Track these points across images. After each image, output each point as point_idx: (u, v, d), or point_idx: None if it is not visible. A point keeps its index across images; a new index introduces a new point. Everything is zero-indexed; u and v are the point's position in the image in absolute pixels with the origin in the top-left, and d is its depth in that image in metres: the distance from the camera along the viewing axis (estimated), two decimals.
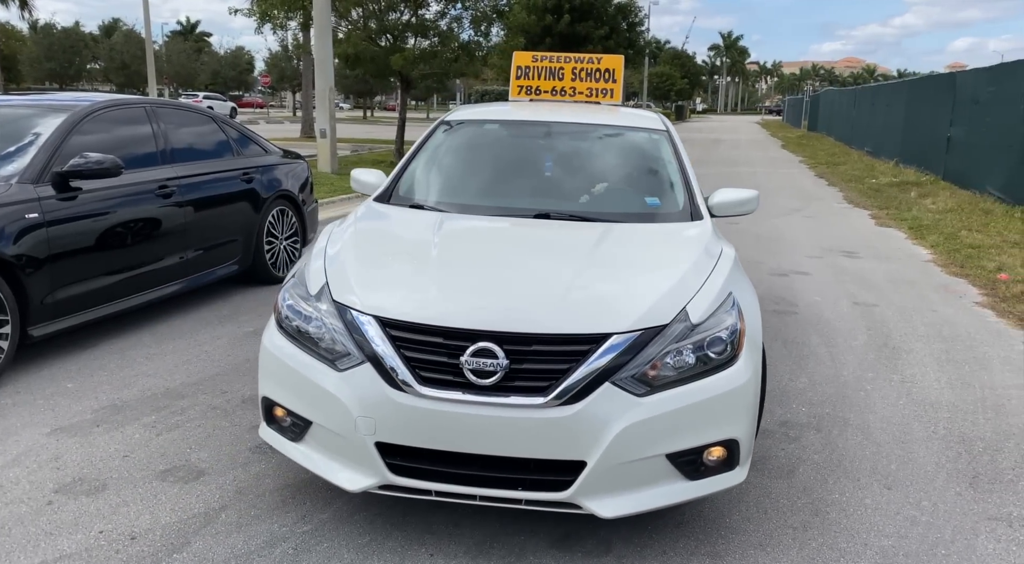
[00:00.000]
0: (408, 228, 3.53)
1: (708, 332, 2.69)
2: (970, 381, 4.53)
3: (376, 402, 2.56)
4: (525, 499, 2.58)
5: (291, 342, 2.81)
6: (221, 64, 62.94)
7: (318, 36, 14.53)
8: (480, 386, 2.52)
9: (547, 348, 2.56)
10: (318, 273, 2.94)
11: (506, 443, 2.52)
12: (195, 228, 5.53)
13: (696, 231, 3.52)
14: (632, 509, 2.58)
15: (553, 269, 2.97)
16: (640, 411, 2.52)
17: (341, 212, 11.01)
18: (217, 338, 5.03)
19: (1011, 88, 12.98)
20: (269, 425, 2.94)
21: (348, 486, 2.65)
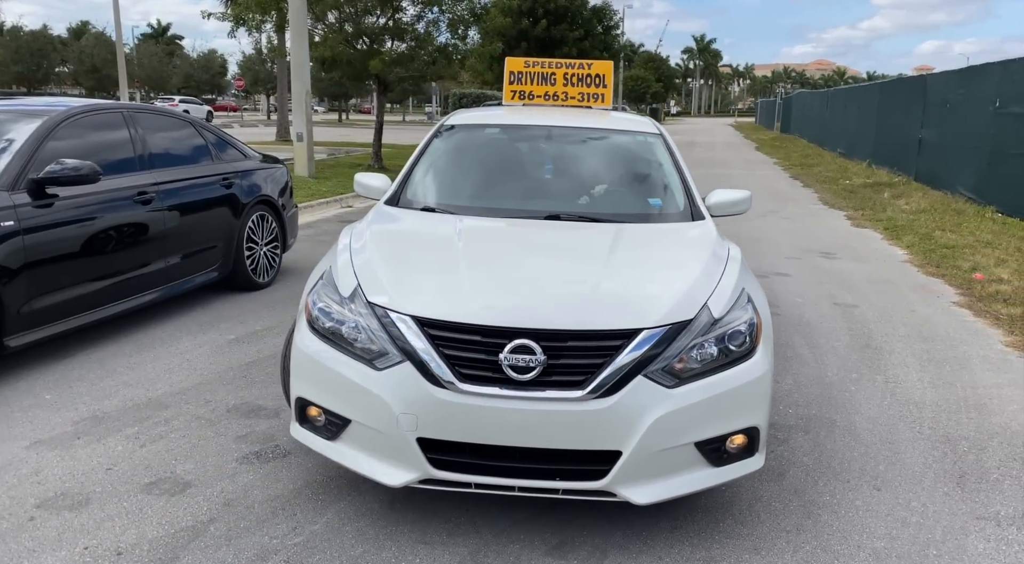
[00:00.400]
0: (427, 230, 3.63)
1: (728, 326, 2.82)
2: (951, 380, 4.59)
3: (417, 399, 2.64)
4: (562, 489, 2.69)
5: (325, 343, 2.86)
6: (194, 67, 62.21)
7: (294, 39, 14.41)
8: (519, 381, 2.62)
9: (582, 344, 2.66)
10: (348, 276, 3.00)
11: (545, 435, 2.62)
12: (175, 235, 5.45)
13: (702, 231, 3.68)
14: (664, 495, 2.70)
15: (577, 268, 3.11)
16: (671, 402, 2.64)
17: (320, 217, 10.92)
18: (199, 346, 4.95)
19: (980, 90, 13.22)
20: (302, 425, 3.00)
21: (389, 481, 2.73)
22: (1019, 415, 4.07)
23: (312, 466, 3.36)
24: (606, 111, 5.45)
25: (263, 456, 3.45)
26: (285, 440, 3.61)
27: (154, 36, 72.33)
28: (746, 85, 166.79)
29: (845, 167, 19.92)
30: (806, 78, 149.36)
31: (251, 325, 5.43)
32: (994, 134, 12.31)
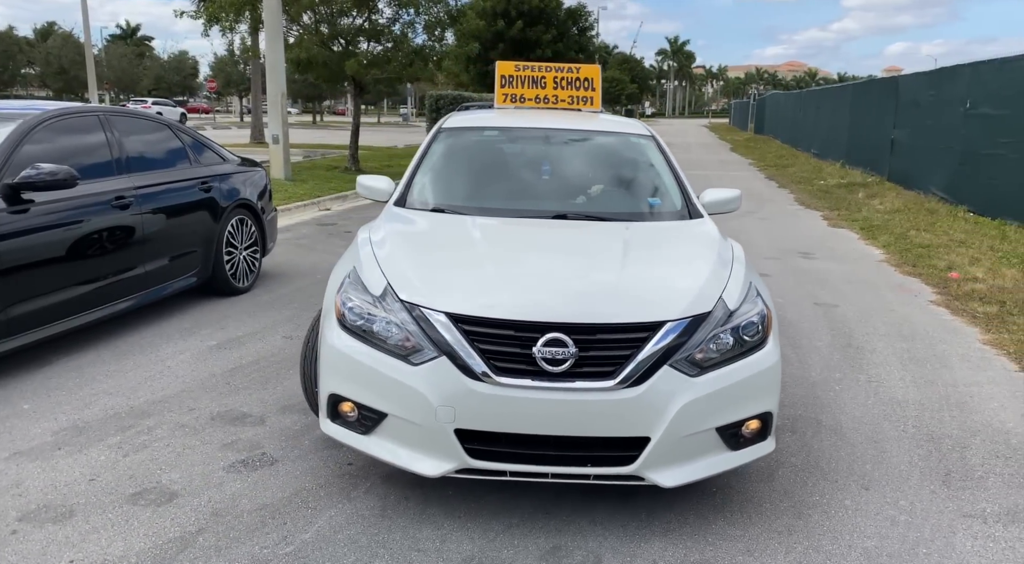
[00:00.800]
0: (444, 230, 3.71)
1: (742, 317, 2.99)
2: (933, 379, 4.65)
3: (455, 392, 2.75)
4: (593, 474, 2.82)
5: (358, 340, 2.95)
6: (164, 69, 61.42)
7: (269, 40, 14.28)
8: (551, 373, 2.75)
9: (611, 336, 2.81)
10: (376, 275, 3.11)
11: (578, 424, 2.76)
12: (153, 240, 5.36)
13: (705, 228, 3.89)
14: (688, 478, 2.85)
15: (597, 264, 3.26)
16: (694, 390, 2.79)
17: (298, 220, 10.83)
18: (180, 353, 4.87)
19: (951, 92, 13.43)
20: (334, 420, 3.07)
21: (428, 472, 2.83)
22: (1000, 413, 4.14)
23: (301, 473, 3.32)
24: (595, 114, 5.55)
25: (250, 464, 3.40)
26: (272, 447, 3.56)
27: (123, 37, 71.23)
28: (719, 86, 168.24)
29: (819, 167, 20.15)
30: (778, 79, 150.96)
31: (232, 331, 5.36)
32: (965, 135, 12.52)
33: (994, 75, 11.80)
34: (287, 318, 5.71)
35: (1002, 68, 11.61)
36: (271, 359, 4.79)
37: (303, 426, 3.80)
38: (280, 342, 5.13)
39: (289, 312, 5.88)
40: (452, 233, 3.64)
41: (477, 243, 3.42)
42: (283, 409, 4.01)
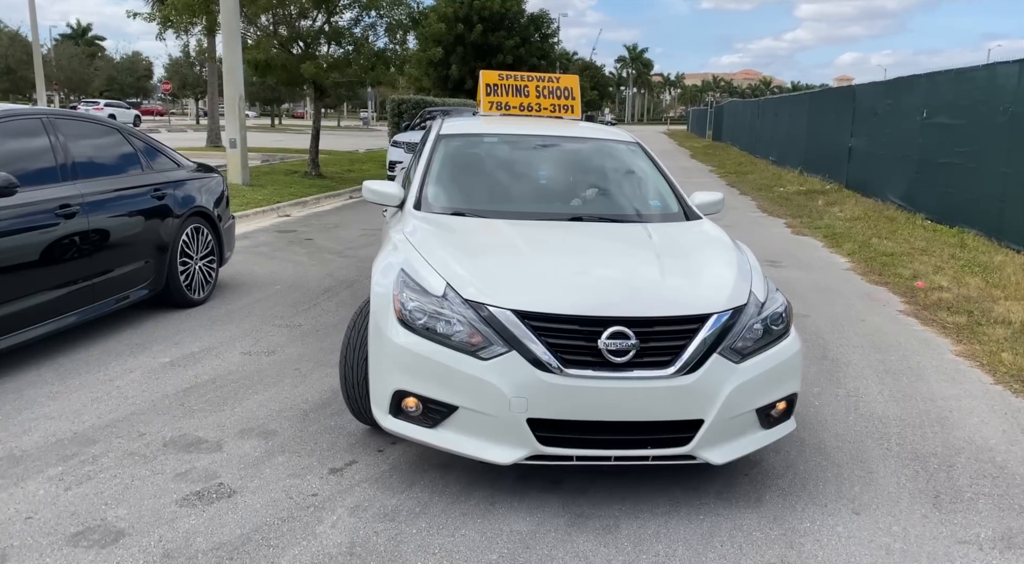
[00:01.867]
0: (480, 232, 3.83)
1: (770, 309, 3.31)
2: (910, 393, 4.59)
3: (527, 384, 2.93)
4: (652, 455, 3.06)
5: (423, 338, 3.07)
6: (117, 70, 59.95)
7: (226, 42, 13.88)
8: (616, 363, 2.96)
9: (667, 328, 3.05)
10: (432, 276, 3.25)
11: (639, 410, 2.99)
12: (102, 250, 5.05)
13: (713, 228, 4.21)
14: (733, 455, 3.13)
15: (636, 262, 3.54)
16: (739, 375, 3.07)
17: (256, 227, 10.48)
18: (129, 371, 4.58)
19: (907, 101, 13.63)
20: (396, 416, 3.18)
21: (501, 460, 3.00)
22: (981, 429, 4.07)
23: (261, 506, 3.09)
24: (577, 121, 5.80)
25: (206, 497, 3.15)
26: (230, 477, 3.32)
27: (73, 37, 69.26)
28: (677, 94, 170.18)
29: (779, 175, 20.36)
30: (734, 87, 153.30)
31: (187, 346, 5.08)
32: (922, 144, 12.70)
33: (950, 85, 11.99)
34: (245, 332, 5.44)
35: (958, 78, 11.81)
36: (228, 377, 4.53)
37: (263, 452, 3.56)
38: (238, 358, 4.87)
39: (247, 325, 5.61)
40: (488, 235, 3.78)
41: (517, 244, 3.61)
42: (242, 433, 3.76)
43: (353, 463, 3.48)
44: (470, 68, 32.30)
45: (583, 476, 3.40)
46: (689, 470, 3.47)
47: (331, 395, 4.27)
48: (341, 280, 7.19)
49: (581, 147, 5.01)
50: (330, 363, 4.82)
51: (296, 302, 6.33)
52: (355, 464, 3.47)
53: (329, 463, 3.47)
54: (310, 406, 4.12)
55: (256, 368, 4.70)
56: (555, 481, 3.36)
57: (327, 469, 3.41)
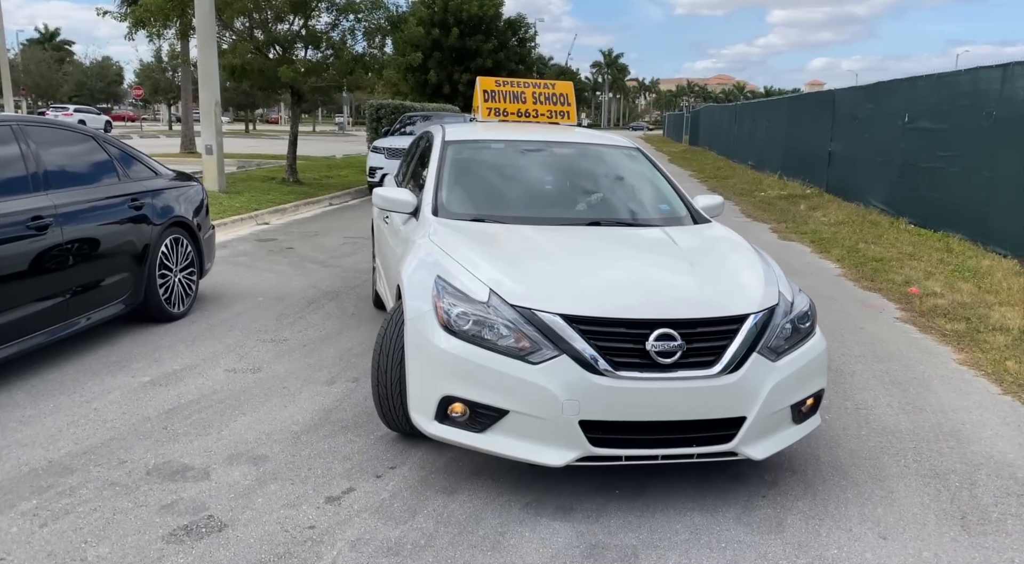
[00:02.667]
0: (509, 238, 3.85)
1: (797, 309, 3.42)
2: (920, 405, 4.48)
3: (579, 387, 2.96)
4: (697, 453, 3.12)
5: (470, 344, 3.09)
6: (87, 75, 58.94)
7: (201, 47, 13.58)
8: (663, 364, 3.03)
9: (710, 329, 3.13)
10: (474, 283, 3.28)
11: (686, 409, 3.05)
12: (77, 264, 4.80)
13: (725, 231, 4.31)
14: (772, 450, 3.22)
15: (669, 266, 3.61)
16: (777, 373, 3.16)
17: (235, 235, 10.19)
18: (108, 392, 4.34)
19: (888, 106, 13.66)
20: (441, 422, 3.18)
21: (553, 462, 3.03)
22: (997, 443, 3.96)
23: (255, 541, 2.88)
24: (573, 127, 5.93)
25: (194, 531, 2.93)
26: (219, 508, 3.10)
27: (41, 42, 68.07)
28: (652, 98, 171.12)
29: (759, 179, 20.38)
30: (708, 92, 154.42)
31: (167, 364, 4.84)
32: (904, 148, 12.72)
33: (932, 90, 12.02)
34: (228, 348, 5.21)
35: (940, 83, 11.84)
36: (213, 397, 4.30)
37: (254, 479, 3.35)
38: (222, 376, 4.64)
39: (230, 340, 5.38)
40: (518, 241, 3.80)
41: (549, 249, 3.66)
42: (230, 459, 3.54)
43: (351, 491, 3.28)
44: (447, 73, 32.12)
45: (595, 502, 3.23)
46: (705, 492, 3.32)
47: (322, 416, 4.07)
48: (325, 291, 6.97)
49: (585, 152, 5.09)
50: (319, 380, 4.61)
51: (280, 315, 6.10)
52: (353, 492, 3.27)
53: (325, 491, 3.27)
54: (301, 428, 3.91)
55: (242, 387, 4.48)
56: (566, 508, 3.19)
57: (323, 498, 3.21)
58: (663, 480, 3.41)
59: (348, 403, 4.25)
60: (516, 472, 3.46)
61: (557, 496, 3.27)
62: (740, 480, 3.45)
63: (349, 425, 3.95)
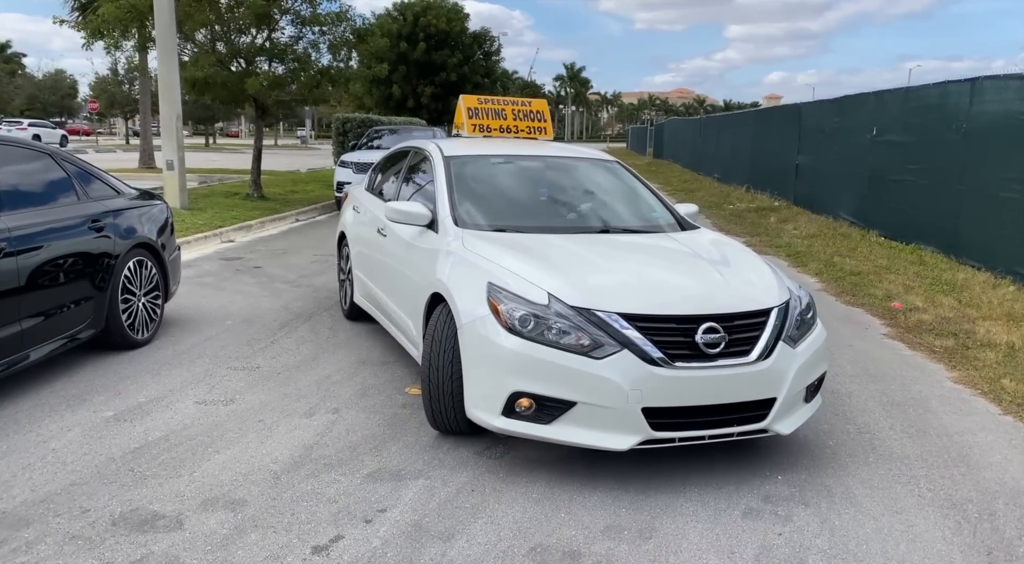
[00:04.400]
0: (538, 246, 4.07)
1: (802, 301, 3.89)
2: (922, 427, 4.35)
3: (641, 377, 3.29)
4: (737, 432, 3.51)
5: (535, 343, 3.36)
6: (39, 88, 57.46)
7: (162, 59, 13.16)
8: (710, 355, 3.40)
9: (745, 321, 3.53)
10: (529, 287, 3.56)
11: (729, 393, 3.43)
12: (32, 290, 4.46)
13: (719, 235, 4.81)
14: (794, 426, 3.67)
15: (696, 267, 3.98)
16: (798, 358, 3.61)
17: (199, 254, 9.79)
18: (67, 429, 4.01)
19: (855, 119, 13.76)
20: (509, 416, 3.44)
21: (618, 446, 3.35)
22: (1008, 468, 3.84)
23: None
24: (551, 142, 6.24)
25: None
26: (194, 562, 2.82)
27: None
28: (614, 112, 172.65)
29: (726, 192, 20.47)
30: (669, 105, 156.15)
31: (132, 396, 4.52)
32: (872, 161, 12.82)
33: (899, 104, 12.12)
34: (197, 377, 4.90)
35: (907, 97, 11.95)
36: (183, 433, 4.00)
37: (232, 528, 3.07)
38: (192, 410, 4.34)
39: (199, 369, 5.07)
40: (550, 248, 4.04)
41: (585, 255, 3.97)
42: (205, 504, 3.25)
43: (339, 539, 3.02)
44: (412, 86, 31.88)
45: (604, 546, 3.02)
46: (720, 531, 3.13)
47: (303, 452, 3.80)
48: (297, 313, 6.68)
49: (576, 165, 5.43)
50: (297, 412, 4.33)
51: (251, 340, 5.80)
52: (341, 540, 3.01)
53: (311, 540, 3.00)
54: (281, 466, 3.64)
55: (214, 421, 4.18)
56: (573, 554, 2.97)
57: (309, 548, 2.95)
58: (672, 523, 3.22)
59: (330, 437, 3.99)
60: (516, 514, 3.24)
61: (560, 540, 3.05)
62: (753, 517, 3.27)
63: (332, 462, 3.69)
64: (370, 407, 4.44)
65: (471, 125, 6.12)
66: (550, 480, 3.56)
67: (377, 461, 3.71)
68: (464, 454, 3.81)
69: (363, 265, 5.92)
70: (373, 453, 3.81)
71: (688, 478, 3.62)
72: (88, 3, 22.79)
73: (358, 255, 6.07)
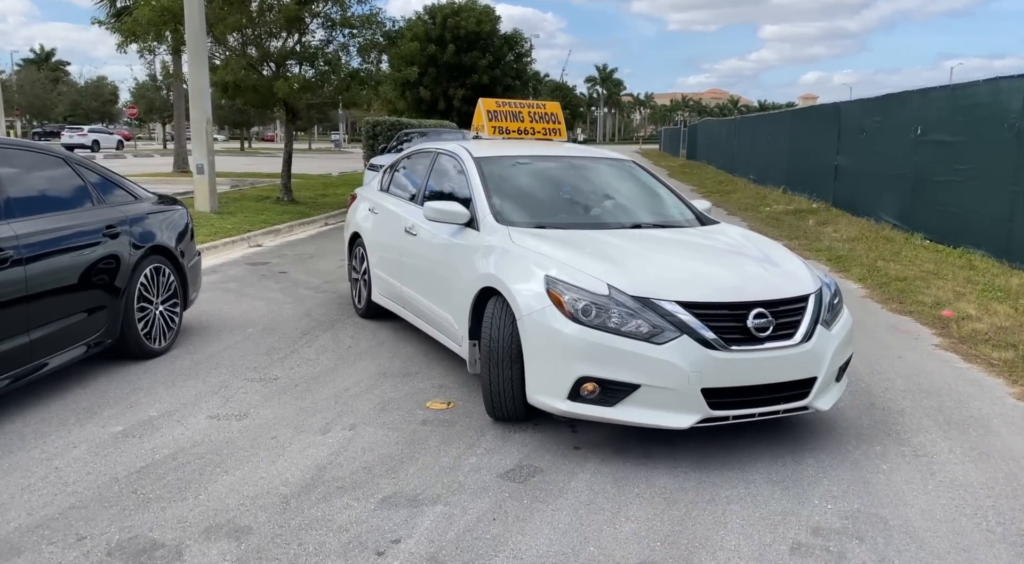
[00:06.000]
0: (584, 242, 4.26)
1: (831, 288, 4.15)
2: (986, 451, 4.00)
3: (700, 360, 3.51)
4: (783, 409, 3.75)
5: (599, 330, 3.57)
6: (81, 94, 58.60)
7: (192, 63, 13.16)
8: (760, 338, 3.65)
9: (788, 307, 3.79)
10: (588, 278, 3.76)
11: (777, 373, 3.67)
12: (43, 300, 4.31)
13: (741, 229, 5.04)
14: (830, 403, 3.94)
15: (731, 258, 4.27)
16: (834, 340, 3.88)
17: (226, 259, 9.69)
18: (73, 446, 3.84)
19: (898, 118, 13.25)
20: (574, 400, 3.64)
21: (680, 425, 3.56)
22: None
23: None
24: (565, 143, 6.47)
25: None
26: None
27: (36, 62, 67.80)
28: (647, 113, 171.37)
29: (762, 194, 19.98)
30: (702, 106, 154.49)
31: (143, 410, 4.35)
32: (917, 161, 12.31)
33: (946, 102, 11.62)
34: (212, 389, 4.72)
35: (955, 94, 11.44)
36: (192, 451, 3.81)
37: (235, 559, 2.85)
38: (204, 425, 4.15)
39: (215, 380, 4.89)
40: (597, 244, 4.24)
41: (632, 249, 4.19)
42: (208, 532, 3.04)
43: None
44: (443, 89, 31.79)
45: None
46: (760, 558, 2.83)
47: (315, 473, 3.58)
48: (320, 320, 6.49)
49: (596, 165, 5.60)
50: (312, 429, 4.12)
51: (271, 349, 5.62)
52: None
53: None
54: (291, 489, 3.42)
55: (225, 437, 3.99)
56: None
57: None
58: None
59: (344, 457, 3.77)
60: (540, 547, 2.98)
61: None
62: (802, 554, 2.97)
63: (346, 485, 3.46)
64: (388, 423, 4.21)
65: (491, 127, 6.39)
66: (577, 508, 3.29)
67: (393, 484, 3.48)
68: (486, 478, 3.56)
69: (387, 265, 5.93)
70: (389, 475, 3.58)
71: (730, 506, 3.33)
72: (124, 8, 23.09)
73: (379, 255, 6.09)
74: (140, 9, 13.84)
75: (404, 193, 6.05)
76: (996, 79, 10.33)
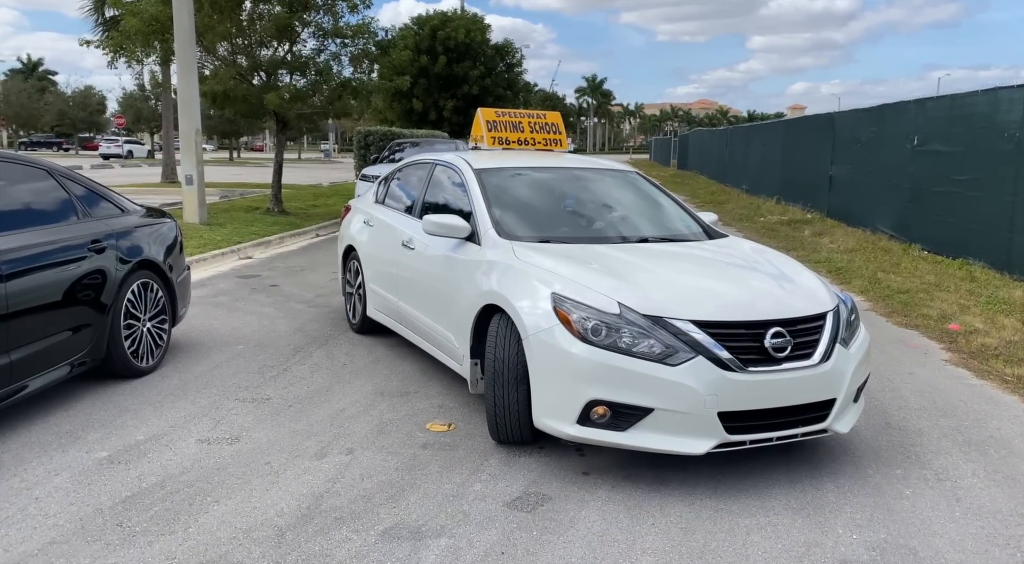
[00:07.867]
0: (591, 257, 4.09)
1: (847, 304, 3.99)
2: (1012, 474, 3.84)
3: (715, 382, 3.34)
4: (801, 433, 3.57)
5: (609, 351, 3.39)
6: (68, 104, 58.14)
7: (181, 73, 12.96)
8: (777, 359, 3.47)
9: (806, 326, 3.61)
10: (597, 296, 3.58)
11: (796, 395, 3.50)
12: (24, 319, 4.11)
13: (751, 243, 4.91)
14: (849, 425, 3.76)
15: (743, 274, 4.06)
16: (852, 359, 3.71)
17: (215, 272, 9.47)
18: (55, 473, 3.64)
19: (894, 128, 13.19)
20: (584, 424, 3.46)
21: (694, 451, 3.37)
22: None
23: None
24: (566, 153, 6.29)
25: None
26: None
27: (23, 72, 67.31)
28: (636, 123, 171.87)
29: (756, 204, 19.92)
30: (692, 116, 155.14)
31: (130, 433, 4.15)
32: (913, 172, 12.24)
33: (943, 112, 11.56)
34: (202, 410, 4.52)
35: (952, 105, 11.38)
36: (181, 478, 3.61)
37: None
38: (194, 450, 3.95)
39: (205, 401, 4.69)
40: (605, 259, 4.07)
41: (643, 265, 4.01)
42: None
43: None
44: (433, 100, 31.63)
45: None
46: None
47: (312, 503, 3.39)
48: (313, 336, 6.30)
49: (601, 177, 5.44)
50: (307, 453, 3.93)
51: (263, 366, 5.42)
52: None
53: None
54: (286, 521, 3.23)
55: (216, 463, 3.79)
56: None
57: None
58: None
59: (341, 484, 3.57)
60: None
61: None
62: None
63: (344, 516, 3.27)
64: (387, 447, 4.02)
65: (491, 138, 6.18)
66: (590, 539, 3.12)
67: (394, 514, 3.29)
68: (491, 507, 3.38)
69: (383, 279, 5.75)
70: (390, 504, 3.39)
71: (750, 537, 3.16)
72: (112, 19, 22.87)
73: (375, 269, 5.91)
74: (127, 19, 13.63)
75: (401, 205, 5.88)
76: (995, 89, 10.27)
